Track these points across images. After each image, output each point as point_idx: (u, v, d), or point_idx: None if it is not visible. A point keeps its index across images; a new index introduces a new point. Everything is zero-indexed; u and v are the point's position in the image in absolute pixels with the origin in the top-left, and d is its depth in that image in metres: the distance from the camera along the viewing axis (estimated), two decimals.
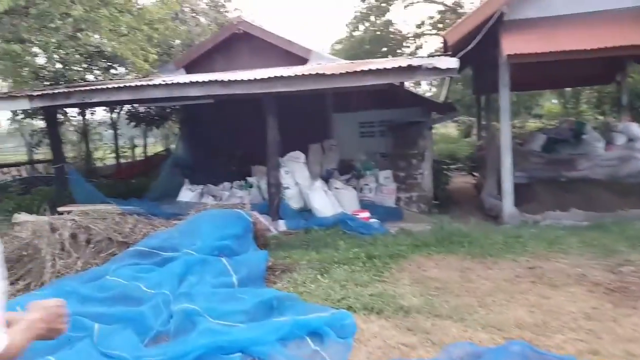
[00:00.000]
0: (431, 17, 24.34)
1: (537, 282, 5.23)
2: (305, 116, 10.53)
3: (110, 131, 17.21)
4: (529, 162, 11.47)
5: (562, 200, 9.41)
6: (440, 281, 5.23)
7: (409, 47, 24.82)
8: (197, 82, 7.26)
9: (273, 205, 7.93)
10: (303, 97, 10.09)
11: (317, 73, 6.93)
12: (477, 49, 10.65)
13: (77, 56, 11.10)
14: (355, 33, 24.50)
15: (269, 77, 7.04)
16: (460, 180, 14.07)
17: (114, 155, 17.34)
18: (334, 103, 11.01)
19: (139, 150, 18.79)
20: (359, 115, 11.40)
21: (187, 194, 9.50)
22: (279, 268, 5.71)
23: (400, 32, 24.87)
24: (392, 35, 24.54)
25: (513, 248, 6.30)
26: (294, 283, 5.22)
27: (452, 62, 6.58)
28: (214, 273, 4.77)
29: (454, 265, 5.75)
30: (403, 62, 7.02)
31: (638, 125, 11.91)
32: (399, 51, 23.98)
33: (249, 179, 9.56)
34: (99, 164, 17.73)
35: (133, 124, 16.04)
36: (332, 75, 6.88)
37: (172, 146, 15.31)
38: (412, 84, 25.42)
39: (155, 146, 19.58)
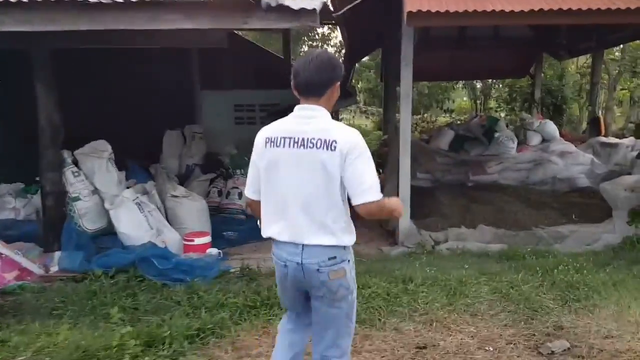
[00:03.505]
0: None
1: None
2: (163, 91, 7.63)
3: None
4: (434, 163, 9.34)
5: (468, 212, 7.37)
6: None
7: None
8: None
9: (47, 228, 4.77)
10: (158, 64, 7.24)
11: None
12: (386, 28, 8.31)
13: None
14: None
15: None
16: None
17: None
18: (202, 77, 8.12)
19: None
20: (236, 96, 8.57)
21: None
22: None
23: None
24: None
25: (398, 304, 3.96)
26: None
27: (311, 3, 3.97)
28: None
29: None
30: None
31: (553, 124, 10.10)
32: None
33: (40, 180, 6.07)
34: None
35: None
36: (100, 4, 3.88)
37: None
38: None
39: None
